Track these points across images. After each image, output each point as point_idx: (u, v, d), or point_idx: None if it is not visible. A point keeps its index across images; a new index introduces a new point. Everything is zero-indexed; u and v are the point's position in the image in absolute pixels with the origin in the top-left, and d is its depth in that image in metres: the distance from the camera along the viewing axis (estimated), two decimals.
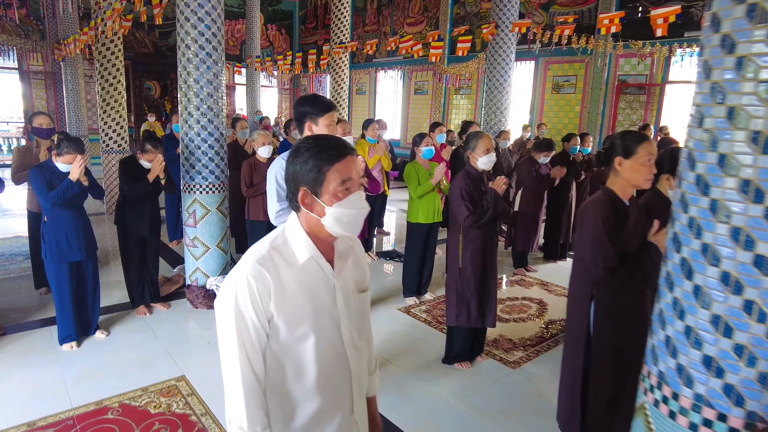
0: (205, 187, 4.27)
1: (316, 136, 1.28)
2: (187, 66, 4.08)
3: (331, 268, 1.31)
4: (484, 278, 3.30)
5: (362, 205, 1.28)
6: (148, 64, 14.02)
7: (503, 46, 6.81)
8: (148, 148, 3.79)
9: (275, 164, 2.45)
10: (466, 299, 3.30)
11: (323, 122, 2.42)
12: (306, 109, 2.42)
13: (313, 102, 2.40)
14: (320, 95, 2.45)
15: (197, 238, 4.34)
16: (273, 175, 2.43)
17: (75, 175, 3.25)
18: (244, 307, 1.17)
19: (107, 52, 7.00)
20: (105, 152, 7.43)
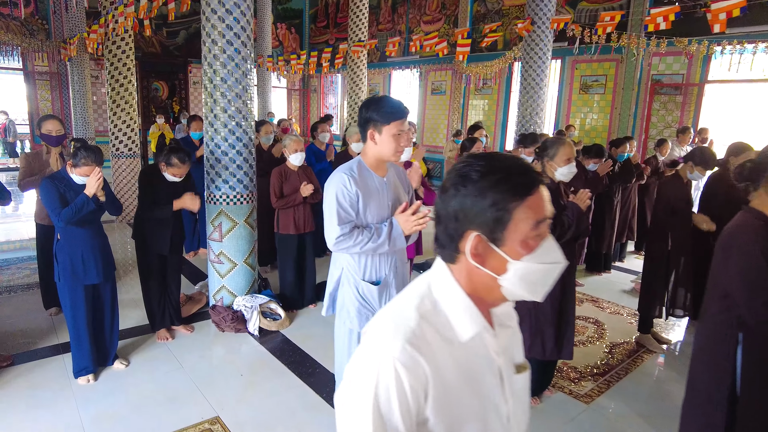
0: (232, 198, 3.86)
1: (490, 156, 0.87)
2: (213, 63, 3.67)
3: (494, 343, 0.91)
4: (563, 305, 2.88)
5: (557, 257, 0.87)
6: (156, 64, 13.63)
7: (539, 43, 6.39)
8: (174, 162, 3.36)
9: (335, 179, 2.05)
10: (541, 328, 2.88)
11: (389, 132, 2.02)
12: (370, 115, 2.02)
13: (379, 106, 2.00)
14: (388, 97, 2.05)
15: (223, 253, 3.93)
16: (332, 193, 2.03)
17: (92, 190, 2.85)
18: (388, 411, 0.79)
19: (117, 51, 6.61)
20: (115, 156, 7.04)
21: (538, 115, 6.59)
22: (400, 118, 2.02)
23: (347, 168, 2.08)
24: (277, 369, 3.40)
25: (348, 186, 2.02)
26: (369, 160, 2.13)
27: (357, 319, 2.17)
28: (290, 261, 4.17)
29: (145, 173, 3.51)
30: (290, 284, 4.22)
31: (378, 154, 2.09)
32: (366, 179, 2.10)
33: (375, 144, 2.07)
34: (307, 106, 17.48)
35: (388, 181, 2.20)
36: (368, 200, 2.08)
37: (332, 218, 2.01)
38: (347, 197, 2.02)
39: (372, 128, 2.04)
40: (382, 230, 2.05)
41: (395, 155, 2.10)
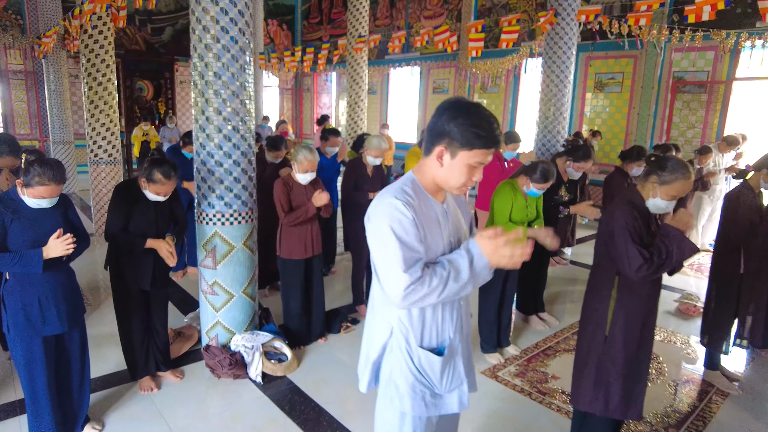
0: (228, 217, 3.21)
1: None
2: (205, 55, 3.02)
3: None
4: (639, 353, 2.29)
5: None
6: (140, 63, 12.86)
7: (564, 37, 5.81)
8: (157, 177, 2.72)
9: (385, 207, 1.43)
10: (607, 379, 2.29)
11: (466, 159, 1.44)
12: (450, 129, 1.41)
13: (467, 122, 1.40)
14: (482, 111, 1.43)
15: (218, 283, 3.28)
16: (386, 228, 1.41)
17: (53, 253, 2.22)
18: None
19: (95, 46, 5.91)
20: (93, 163, 6.33)
21: (562, 115, 6.01)
22: (489, 147, 1.42)
23: (398, 190, 1.47)
24: (288, 430, 2.77)
25: (406, 214, 1.41)
26: (426, 182, 1.53)
27: (410, 399, 1.55)
28: (296, 290, 3.53)
29: (121, 191, 2.84)
30: (296, 316, 3.59)
31: (440, 179, 1.50)
32: (424, 206, 1.50)
33: (441, 166, 1.46)
34: (300, 105, 16.79)
35: (448, 209, 1.59)
36: (427, 235, 1.47)
37: (393, 263, 1.39)
38: (409, 229, 1.41)
39: (445, 145, 1.43)
40: (460, 263, 1.43)
41: (461, 189, 1.51)
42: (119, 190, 2.84)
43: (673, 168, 2.19)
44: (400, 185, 1.49)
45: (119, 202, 2.78)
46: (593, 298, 2.39)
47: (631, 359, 2.25)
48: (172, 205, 3.00)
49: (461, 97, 1.52)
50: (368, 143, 4.02)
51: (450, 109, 1.41)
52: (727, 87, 7.48)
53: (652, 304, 2.29)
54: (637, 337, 2.23)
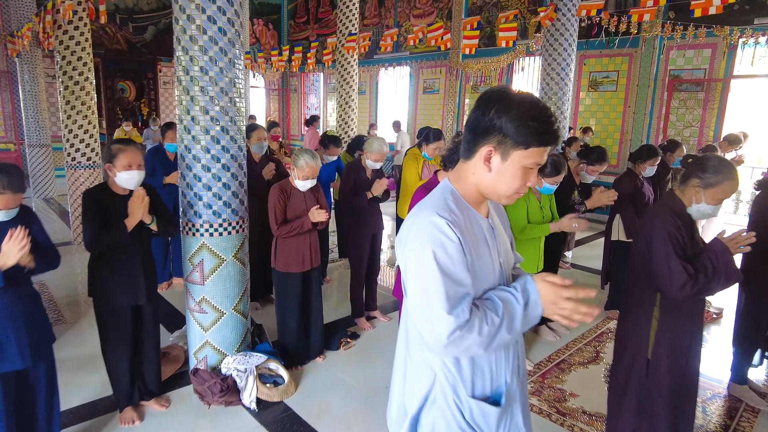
0: (217, 227, 2.92)
1: None
2: (190, 48, 2.72)
3: None
4: (686, 379, 2.05)
5: None
6: (121, 63, 12.41)
7: (564, 33, 5.61)
8: (117, 148, 2.48)
9: (424, 227, 1.16)
10: (651, 409, 2.05)
11: (522, 160, 1.18)
12: (501, 124, 1.14)
13: (523, 114, 1.14)
14: (536, 101, 1.17)
15: (206, 300, 2.98)
16: (426, 254, 1.14)
17: (9, 260, 1.90)
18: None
19: (71, 43, 5.54)
20: (71, 167, 5.96)
21: (563, 114, 5.81)
22: (548, 144, 1.16)
23: (439, 204, 1.19)
24: None
25: (450, 236, 1.13)
26: (468, 191, 1.25)
27: None
28: (292, 306, 3.24)
29: (91, 195, 2.51)
30: (293, 334, 3.29)
31: (487, 186, 1.22)
32: (470, 223, 1.22)
33: (489, 170, 1.19)
34: (287, 106, 16.45)
35: (494, 224, 1.32)
36: (476, 260, 1.20)
37: (434, 301, 1.11)
38: (454, 256, 1.13)
39: (494, 145, 1.16)
40: (514, 308, 1.17)
41: (512, 198, 1.23)
42: (90, 195, 2.51)
43: (716, 168, 1.96)
44: (439, 196, 1.22)
45: (93, 207, 2.45)
46: (631, 318, 2.14)
47: (678, 386, 2.01)
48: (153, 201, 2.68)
49: (507, 86, 1.25)
50: (368, 146, 3.75)
51: (500, 101, 1.15)
52: (724, 85, 7.36)
53: (697, 322, 2.06)
54: (684, 361, 2.00)
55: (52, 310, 4.15)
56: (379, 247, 4.00)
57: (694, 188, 1.98)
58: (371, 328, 3.94)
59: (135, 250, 2.59)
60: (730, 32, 6.08)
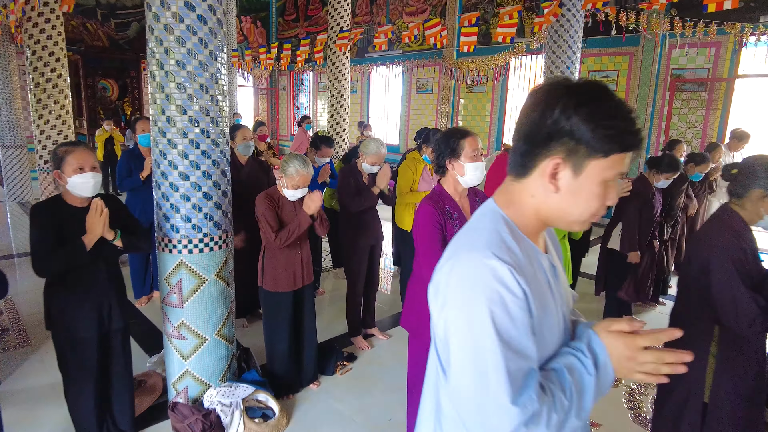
0: (197, 243, 2.57)
1: None
2: (164, 38, 2.37)
3: None
4: (751, 427, 1.76)
5: None
6: (103, 60, 11.93)
7: (569, 30, 5.33)
8: (64, 149, 2.17)
9: (482, 275, 0.82)
10: None
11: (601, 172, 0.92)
12: (571, 127, 0.88)
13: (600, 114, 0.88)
14: (613, 96, 0.87)
15: (185, 325, 2.63)
16: (482, 314, 0.80)
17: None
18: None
19: (42, 36, 5.15)
20: (43, 170, 5.56)
21: None
22: (631, 149, 0.87)
23: (492, 240, 0.87)
24: None
25: (513, 289, 0.81)
26: (524, 219, 0.94)
27: None
28: (282, 329, 2.90)
29: (40, 210, 2.14)
30: (283, 360, 2.95)
31: (554, 211, 0.91)
32: (531, 263, 0.90)
33: (556, 190, 0.88)
34: (276, 106, 16.06)
35: (553, 260, 1.01)
36: (542, 313, 0.88)
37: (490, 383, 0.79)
38: (518, 317, 0.82)
39: (562, 156, 0.87)
40: (584, 379, 0.86)
41: (586, 224, 0.92)
42: (39, 210, 2.14)
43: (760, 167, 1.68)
44: (488, 229, 0.89)
45: (43, 225, 2.09)
46: None
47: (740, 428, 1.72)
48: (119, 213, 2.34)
49: (566, 77, 0.94)
50: (364, 148, 3.42)
51: (565, 96, 0.84)
52: (729, 84, 7.15)
53: (762, 359, 1.76)
54: (748, 405, 1.70)
55: (16, 330, 3.76)
56: (378, 260, 3.67)
57: (760, 199, 1.68)
58: (369, 348, 3.61)
59: (99, 270, 2.24)
60: (741, 29, 5.84)
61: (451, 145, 2.16)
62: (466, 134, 2.18)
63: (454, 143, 2.15)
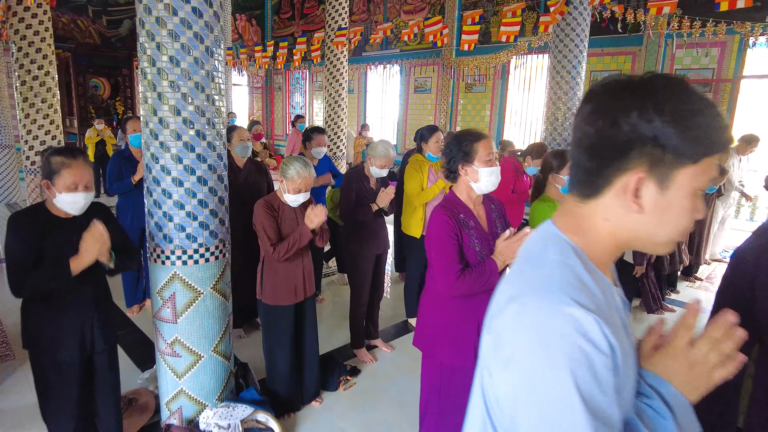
0: (192, 254, 2.38)
1: None
2: (156, 32, 2.19)
3: None
4: None
5: None
6: (94, 58, 11.66)
7: (576, 28, 5.18)
8: (61, 161, 1.94)
9: (560, 327, 0.63)
10: None
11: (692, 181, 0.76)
12: (654, 129, 0.73)
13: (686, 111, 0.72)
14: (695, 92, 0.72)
15: (179, 341, 2.45)
16: (563, 379, 0.60)
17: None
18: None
19: (28, 32, 4.93)
20: (30, 172, 5.35)
21: (573, 116, 5.37)
22: (724, 149, 0.72)
23: (566, 279, 0.70)
24: None
25: (600, 345, 0.64)
26: (596, 247, 0.77)
27: None
28: (283, 345, 2.72)
29: (19, 220, 1.94)
30: (284, 377, 2.77)
31: (640, 233, 0.75)
32: (609, 301, 0.73)
33: (640, 210, 0.72)
34: (271, 105, 15.84)
35: (622, 294, 0.84)
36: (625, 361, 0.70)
37: None
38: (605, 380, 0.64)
39: (645, 168, 0.70)
40: (657, 418, 0.72)
41: (671, 245, 0.76)
42: (18, 221, 1.94)
43: None
44: (559, 263, 0.72)
45: (22, 239, 1.90)
46: None
47: None
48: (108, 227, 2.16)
49: (624, 74, 0.77)
50: (372, 150, 3.24)
51: (643, 95, 0.69)
52: (734, 85, 7.04)
53: None
54: None
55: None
56: (383, 269, 3.49)
57: None
58: (373, 362, 3.44)
59: (83, 286, 2.05)
60: (751, 29, 5.72)
61: (464, 149, 1.99)
62: (479, 137, 2.01)
63: (467, 147, 1.99)
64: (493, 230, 2.07)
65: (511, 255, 1.87)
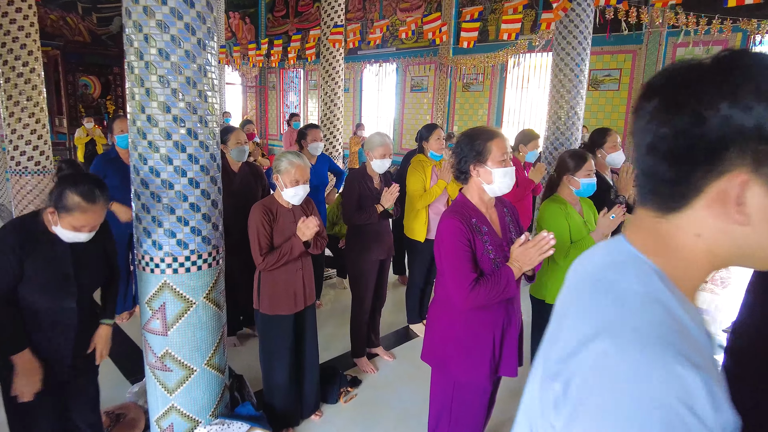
0: (183, 261, 2.22)
1: None
2: (144, 23, 2.02)
3: None
4: None
5: None
6: (84, 56, 11.43)
7: (579, 25, 5.06)
8: (75, 203, 1.75)
9: (663, 399, 0.46)
10: None
11: None
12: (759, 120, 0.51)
13: None
14: None
15: (170, 354, 2.29)
16: None
17: None
18: None
19: (12, 27, 4.74)
20: (15, 173, 5.15)
21: (577, 114, 5.26)
22: None
23: (663, 322, 0.54)
24: None
25: (704, 417, 0.48)
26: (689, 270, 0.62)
27: None
28: (281, 355, 2.56)
29: (11, 232, 1.81)
30: (282, 390, 2.62)
31: (746, 249, 0.59)
32: (709, 342, 0.59)
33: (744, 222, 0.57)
34: (265, 104, 15.65)
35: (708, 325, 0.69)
36: None
37: None
38: None
39: (749, 168, 0.55)
40: None
41: None
42: (9, 232, 1.80)
43: None
44: (646, 295, 0.57)
45: (3, 251, 1.75)
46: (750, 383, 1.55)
47: None
48: (105, 246, 2.04)
49: (695, 58, 0.63)
50: (368, 144, 3.09)
51: (734, 79, 0.55)
52: None
53: None
54: None
55: None
56: (386, 275, 3.33)
57: None
58: (374, 371, 3.29)
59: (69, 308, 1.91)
60: (758, 26, 5.62)
61: (476, 148, 1.85)
62: (493, 135, 1.86)
63: (480, 146, 1.84)
64: (507, 235, 1.93)
65: (528, 262, 1.73)
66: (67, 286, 1.90)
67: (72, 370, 1.98)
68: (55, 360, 1.92)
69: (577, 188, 2.55)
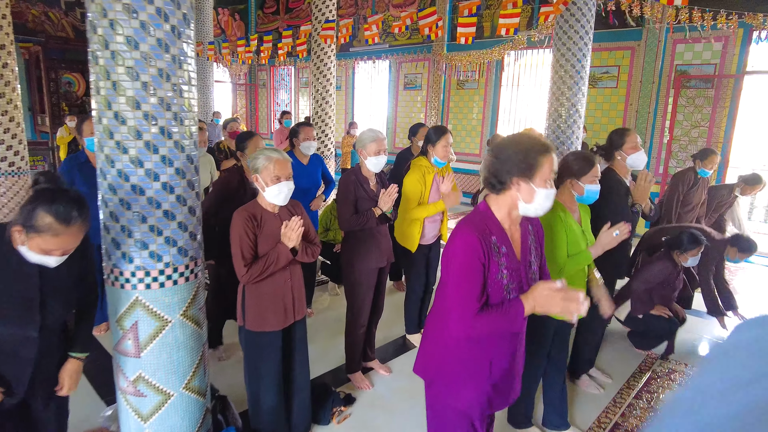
0: (156, 275, 1.99)
1: None
2: (109, 8, 1.78)
3: None
4: None
5: None
6: (67, 52, 11.08)
7: (581, 20, 4.87)
8: (47, 224, 1.51)
9: None
10: None
11: None
12: None
13: None
14: None
15: (143, 378, 2.05)
16: None
17: None
18: None
19: None
20: None
21: (578, 113, 5.07)
22: None
23: None
24: None
25: None
26: None
27: None
28: (269, 374, 2.34)
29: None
30: (270, 413, 2.39)
31: None
32: None
33: None
34: (255, 102, 15.35)
35: None
36: None
37: None
38: None
39: None
40: None
41: None
42: None
43: None
44: None
45: None
46: None
47: None
48: (80, 266, 1.81)
49: None
50: (360, 142, 2.87)
51: None
52: (737, 81, 6.80)
53: None
54: None
55: None
56: (385, 284, 3.10)
57: None
58: (370, 388, 3.06)
59: (31, 337, 1.69)
60: (763, 21, 5.46)
61: (529, 161, 1.56)
62: (546, 150, 1.59)
63: (533, 159, 1.56)
64: (526, 258, 1.69)
65: (547, 309, 1.50)
66: (29, 314, 1.66)
67: (31, 402, 1.75)
68: (13, 389, 1.69)
69: (581, 194, 2.34)
